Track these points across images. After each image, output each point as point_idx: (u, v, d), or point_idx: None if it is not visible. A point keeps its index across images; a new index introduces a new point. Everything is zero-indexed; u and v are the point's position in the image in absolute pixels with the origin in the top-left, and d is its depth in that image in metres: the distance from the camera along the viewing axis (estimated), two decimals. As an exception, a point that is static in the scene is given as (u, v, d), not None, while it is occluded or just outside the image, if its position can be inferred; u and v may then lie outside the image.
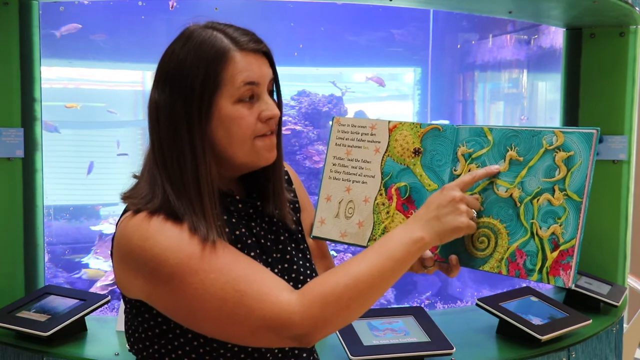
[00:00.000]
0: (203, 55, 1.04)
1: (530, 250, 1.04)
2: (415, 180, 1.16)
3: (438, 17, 3.42)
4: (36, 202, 2.42)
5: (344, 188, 1.22)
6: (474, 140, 1.11)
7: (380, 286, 1.01)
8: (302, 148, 3.39)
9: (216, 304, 0.98)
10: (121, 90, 3.21)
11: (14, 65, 2.33)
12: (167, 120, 1.05)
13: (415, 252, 1.02)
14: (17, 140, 2.33)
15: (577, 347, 2.27)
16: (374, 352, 1.94)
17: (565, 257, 1.01)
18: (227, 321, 0.99)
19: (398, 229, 1.04)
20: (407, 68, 3.65)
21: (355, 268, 1.00)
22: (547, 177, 1.04)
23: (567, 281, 1.00)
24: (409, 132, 1.17)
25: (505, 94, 3.72)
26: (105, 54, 3.04)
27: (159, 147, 1.07)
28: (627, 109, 2.75)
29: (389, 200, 1.17)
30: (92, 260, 3.10)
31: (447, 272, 1.12)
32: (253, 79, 1.06)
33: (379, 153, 1.19)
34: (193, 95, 1.04)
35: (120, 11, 2.97)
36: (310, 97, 3.46)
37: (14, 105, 2.34)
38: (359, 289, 0.99)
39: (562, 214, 1.02)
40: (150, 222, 1.01)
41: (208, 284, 0.98)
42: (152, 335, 1.08)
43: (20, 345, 2.05)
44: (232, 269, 1.00)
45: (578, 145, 1.02)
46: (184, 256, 0.99)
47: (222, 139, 1.06)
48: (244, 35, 1.08)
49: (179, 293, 0.99)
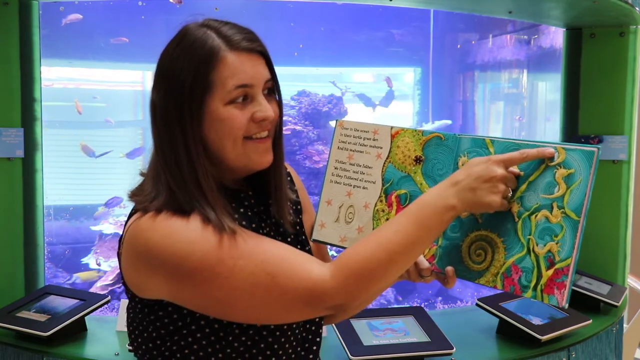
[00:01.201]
0: (194, 55, 1.03)
1: (525, 267, 1.02)
2: (415, 188, 1.14)
3: (438, 17, 3.42)
4: (36, 202, 2.42)
5: (345, 192, 1.20)
6: (475, 151, 1.10)
7: (413, 256, 1.02)
8: (302, 148, 3.39)
9: (249, 290, 0.98)
10: (121, 90, 3.21)
11: (14, 65, 2.33)
12: (162, 120, 1.05)
13: (447, 221, 1.02)
14: (17, 140, 2.33)
15: (577, 347, 2.27)
16: (374, 352, 1.94)
17: (560, 275, 0.99)
18: (261, 304, 0.99)
19: (432, 194, 1.03)
20: (407, 68, 3.66)
21: (390, 239, 1.00)
22: (547, 194, 1.02)
23: (561, 300, 0.99)
24: (410, 139, 1.16)
25: (505, 94, 3.72)
26: (105, 54, 3.04)
27: (159, 146, 1.07)
28: (627, 109, 2.75)
29: (388, 207, 1.16)
30: (92, 260, 3.10)
31: (443, 282, 1.11)
32: (245, 82, 1.05)
33: (380, 159, 1.18)
34: (184, 95, 1.03)
35: (120, 11, 2.98)
36: (310, 97, 3.46)
37: (14, 105, 2.34)
38: (393, 261, 1.00)
39: (559, 232, 1.00)
40: (164, 220, 1.01)
41: (237, 270, 0.98)
42: (164, 333, 1.07)
43: (20, 345, 2.04)
44: (258, 252, 1.00)
45: (579, 163, 1.00)
46: (208, 247, 0.98)
47: (214, 141, 1.05)
48: (238, 34, 1.05)
49: (207, 285, 0.99)
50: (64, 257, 3.05)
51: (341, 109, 3.49)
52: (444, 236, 1.11)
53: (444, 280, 1.11)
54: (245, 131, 1.06)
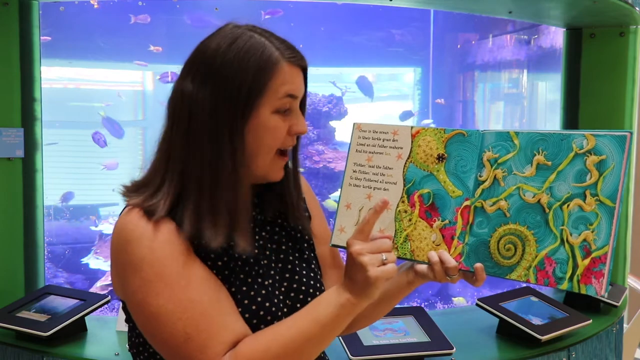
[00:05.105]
0: (253, 60, 1.04)
1: (559, 258, 1.01)
2: (439, 186, 1.13)
3: (438, 17, 3.42)
4: (36, 202, 2.42)
5: (364, 195, 1.18)
6: (500, 145, 1.09)
7: (311, 351, 1.02)
8: (302, 148, 3.38)
9: (164, 335, 1.00)
10: (121, 90, 3.21)
11: (14, 65, 2.33)
12: (209, 117, 1.04)
13: (345, 316, 1.01)
14: (17, 140, 2.33)
15: (577, 347, 2.27)
16: (374, 352, 1.94)
17: (598, 264, 0.98)
18: (169, 352, 1.01)
19: (331, 291, 1.03)
20: (407, 68, 3.65)
21: (285, 334, 1.00)
22: (578, 182, 1.01)
23: (600, 290, 0.98)
24: (432, 137, 1.15)
25: (505, 94, 3.72)
26: (105, 54, 3.04)
27: (184, 143, 1.05)
28: (627, 109, 2.75)
29: (411, 207, 1.14)
30: (92, 260, 3.10)
31: (471, 281, 1.09)
32: (294, 92, 1.08)
33: (401, 159, 1.16)
34: (239, 97, 1.03)
35: (120, 11, 2.97)
36: (310, 97, 3.46)
37: (14, 105, 2.34)
38: (289, 355, 1.00)
39: (594, 220, 0.99)
40: (140, 224, 1.02)
41: (163, 312, 0.99)
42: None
43: (20, 345, 2.05)
44: (191, 308, 1.00)
45: (610, 149, 0.99)
46: (152, 274, 1.00)
47: (251, 145, 1.06)
48: (290, 49, 1.08)
49: (140, 307, 1.02)
50: (64, 257, 3.05)
51: (341, 109, 3.49)
52: (471, 233, 1.09)
53: (471, 279, 1.09)
54: (281, 143, 1.09)
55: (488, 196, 1.09)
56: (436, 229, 1.12)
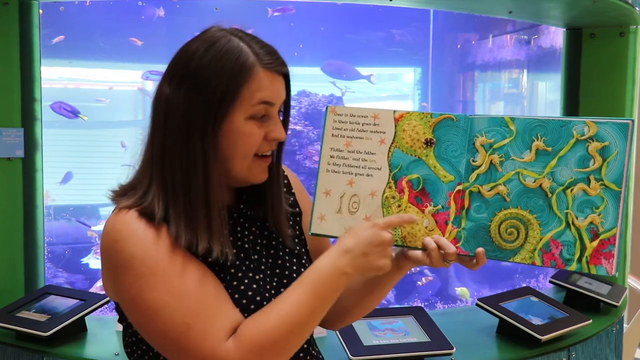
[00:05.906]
0: (228, 65, 1.03)
1: (566, 240, 1.03)
2: (429, 171, 1.12)
3: (438, 17, 3.42)
4: (36, 202, 2.42)
5: (345, 181, 1.16)
6: (494, 130, 1.09)
7: (314, 321, 1.04)
8: (302, 148, 3.39)
9: (162, 327, 1.00)
10: (121, 90, 3.21)
11: (14, 65, 2.33)
12: (181, 119, 1.04)
13: (341, 286, 1.04)
14: (17, 140, 2.33)
15: (577, 347, 2.27)
16: (374, 352, 1.94)
17: (607, 245, 1.01)
18: (169, 346, 1.01)
19: (326, 263, 1.04)
20: (407, 68, 3.65)
21: (288, 310, 1.01)
22: (581, 167, 1.03)
23: (610, 270, 1.00)
24: (418, 122, 1.13)
25: (505, 94, 3.72)
26: (105, 54, 3.04)
27: (161, 144, 1.06)
28: (627, 109, 2.75)
29: (399, 193, 1.13)
30: (92, 260, 3.10)
31: (469, 265, 1.09)
32: (269, 99, 1.07)
33: (384, 144, 1.14)
34: (212, 102, 1.03)
35: (120, 11, 2.97)
36: (310, 97, 3.46)
37: (14, 105, 2.34)
38: (294, 332, 1.01)
39: (599, 204, 1.02)
40: (128, 223, 1.02)
41: (159, 305, 0.99)
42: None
43: (20, 345, 2.05)
44: (187, 297, 1.00)
45: (613, 136, 1.01)
46: (145, 270, 1.00)
47: (225, 150, 1.06)
48: (270, 55, 1.07)
49: (134, 304, 1.01)
50: (64, 257, 3.05)
51: (341, 109, 3.49)
52: (468, 217, 1.09)
53: (469, 263, 1.09)
54: (257, 149, 1.08)
55: (485, 181, 1.09)
56: (428, 214, 1.11)
